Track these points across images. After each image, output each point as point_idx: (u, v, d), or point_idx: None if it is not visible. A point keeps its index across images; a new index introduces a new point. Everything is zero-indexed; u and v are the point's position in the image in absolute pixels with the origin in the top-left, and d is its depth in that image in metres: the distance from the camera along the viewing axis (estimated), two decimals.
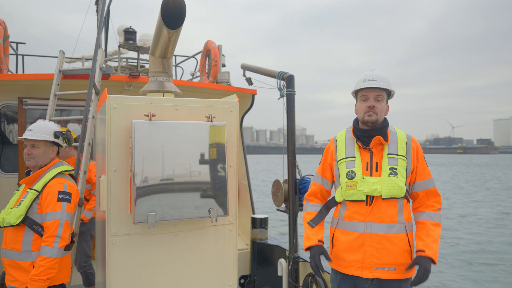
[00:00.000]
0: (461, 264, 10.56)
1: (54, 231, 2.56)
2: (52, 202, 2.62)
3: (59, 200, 2.63)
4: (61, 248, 2.58)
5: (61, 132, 2.84)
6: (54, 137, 2.80)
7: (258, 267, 4.83)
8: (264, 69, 4.55)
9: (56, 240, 2.55)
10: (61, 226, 2.59)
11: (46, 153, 2.80)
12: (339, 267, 2.50)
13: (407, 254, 2.39)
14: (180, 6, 2.48)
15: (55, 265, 2.55)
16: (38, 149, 2.78)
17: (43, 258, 2.52)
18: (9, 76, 4.70)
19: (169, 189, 2.46)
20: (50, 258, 2.52)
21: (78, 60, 7.27)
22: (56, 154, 2.86)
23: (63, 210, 2.63)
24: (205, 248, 2.71)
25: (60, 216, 2.60)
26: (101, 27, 4.33)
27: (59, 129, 2.89)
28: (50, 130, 2.81)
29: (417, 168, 2.47)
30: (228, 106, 2.76)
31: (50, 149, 2.82)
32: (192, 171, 2.52)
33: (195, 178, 2.53)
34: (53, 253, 2.53)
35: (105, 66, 4.38)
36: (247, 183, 5.54)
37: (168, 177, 2.46)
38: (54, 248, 2.54)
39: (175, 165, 2.48)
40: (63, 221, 2.61)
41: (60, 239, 2.57)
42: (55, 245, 2.55)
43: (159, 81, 2.88)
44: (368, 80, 2.49)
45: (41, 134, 2.77)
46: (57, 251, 2.55)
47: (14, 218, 2.61)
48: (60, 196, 2.64)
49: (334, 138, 2.67)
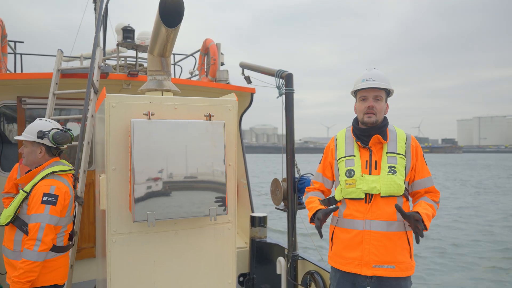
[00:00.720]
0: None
1: (35, 234, 2.51)
2: (36, 205, 2.57)
3: (43, 203, 2.57)
4: (42, 251, 2.52)
5: (43, 132, 2.73)
6: (37, 138, 2.74)
7: (257, 265, 4.84)
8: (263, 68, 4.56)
9: (36, 244, 2.50)
10: (42, 230, 2.52)
11: (33, 153, 2.77)
12: (338, 265, 2.51)
13: (406, 252, 2.41)
14: (178, 5, 2.48)
15: (36, 268, 2.50)
16: (26, 148, 2.78)
17: (23, 261, 2.48)
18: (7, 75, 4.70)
19: (169, 188, 2.47)
20: (29, 261, 2.48)
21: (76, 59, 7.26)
22: (46, 153, 2.79)
23: (46, 213, 2.56)
24: (204, 246, 2.72)
25: (42, 219, 2.54)
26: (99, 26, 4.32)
27: (46, 128, 2.78)
28: (35, 130, 2.75)
29: (416, 166, 2.49)
30: (227, 105, 2.76)
31: (38, 149, 2.77)
32: (191, 169, 2.53)
33: (194, 177, 2.54)
34: (32, 257, 2.48)
35: (103, 65, 4.38)
36: (246, 182, 5.55)
37: (167, 176, 2.47)
38: (34, 251, 2.49)
39: (174, 163, 2.49)
40: (44, 224, 2.54)
41: (41, 243, 2.50)
42: (35, 248, 2.49)
43: (157, 79, 2.89)
44: (367, 80, 2.49)
45: (27, 134, 2.76)
46: (37, 254, 2.50)
47: (3, 218, 2.62)
48: (44, 199, 2.58)
49: (335, 137, 2.69)
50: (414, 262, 2.46)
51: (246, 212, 5.37)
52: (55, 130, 2.77)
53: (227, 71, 5.56)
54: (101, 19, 4.28)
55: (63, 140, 2.79)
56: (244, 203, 5.51)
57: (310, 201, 2.66)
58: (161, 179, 2.45)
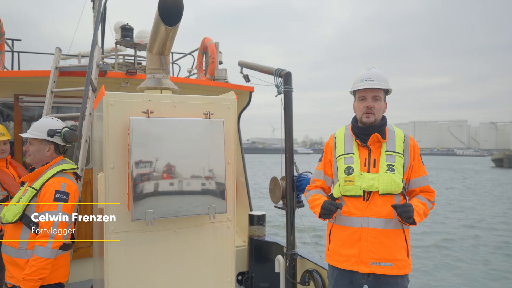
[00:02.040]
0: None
1: (48, 231, 2.54)
2: (49, 202, 2.60)
3: (55, 200, 2.60)
4: (55, 248, 2.55)
5: (54, 130, 2.77)
6: (47, 136, 2.77)
7: (255, 264, 4.84)
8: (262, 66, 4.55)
9: (50, 241, 2.52)
10: (55, 227, 2.55)
11: (41, 151, 2.79)
12: (336, 262, 2.52)
13: (404, 250, 2.42)
14: (178, 3, 2.48)
15: (48, 265, 2.53)
16: (33, 146, 2.79)
17: (35, 258, 2.50)
18: (4, 73, 4.67)
19: (167, 186, 2.46)
20: (42, 258, 2.50)
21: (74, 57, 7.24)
22: (54, 152, 2.83)
23: (59, 210, 2.59)
24: (203, 245, 2.72)
25: (55, 217, 2.57)
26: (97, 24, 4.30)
27: (56, 127, 2.83)
28: (45, 128, 2.78)
29: (413, 165, 2.51)
30: (226, 103, 2.76)
31: (46, 147, 2.79)
32: (190, 168, 2.52)
33: (193, 175, 2.53)
34: (45, 254, 2.51)
35: (102, 63, 4.36)
36: (245, 180, 5.55)
37: (166, 174, 2.46)
38: (47, 248, 2.51)
39: (173, 162, 2.48)
40: (58, 221, 2.57)
41: (54, 240, 2.54)
42: (48, 245, 2.52)
43: (156, 78, 2.88)
44: (365, 80, 2.51)
45: (35, 132, 2.77)
46: (50, 251, 2.53)
47: (11, 215, 2.62)
48: (56, 196, 2.61)
49: (334, 135, 2.70)
50: (411, 260, 2.48)
51: (245, 211, 5.37)
52: (66, 129, 2.82)
53: (225, 70, 5.56)
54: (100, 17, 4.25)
55: (74, 138, 2.83)
56: (243, 202, 5.51)
57: (315, 198, 2.63)
58: (159, 177, 2.44)
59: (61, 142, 2.82)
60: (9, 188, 3.50)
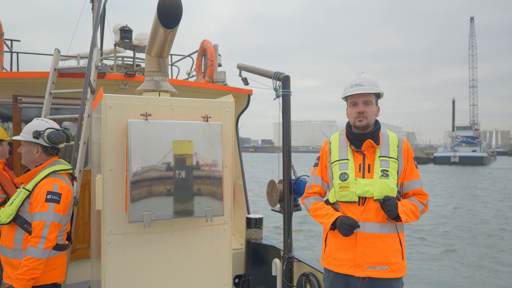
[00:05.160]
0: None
1: (39, 231, 2.54)
2: (40, 203, 2.60)
3: (47, 201, 2.61)
4: (47, 249, 2.56)
5: (38, 132, 2.75)
6: (32, 138, 2.75)
7: (252, 267, 4.84)
8: (260, 70, 4.57)
9: (41, 241, 2.53)
10: (47, 227, 2.56)
11: (30, 152, 2.80)
12: (332, 266, 2.53)
13: (399, 253, 2.45)
14: (177, 6, 2.49)
15: (40, 265, 2.53)
16: (24, 148, 2.81)
17: (27, 258, 2.51)
18: (3, 74, 4.67)
19: (165, 189, 2.47)
20: (34, 258, 2.51)
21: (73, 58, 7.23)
22: (43, 153, 2.81)
23: (50, 211, 2.60)
24: (200, 247, 2.72)
25: (47, 217, 2.58)
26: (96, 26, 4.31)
27: (41, 128, 2.78)
28: (31, 130, 2.77)
29: (406, 169, 2.55)
30: (224, 106, 2.77)
31: (34, 149, 2.79)
32: (187, 170, 2.53)
33: (191, 178, 2.54)
34: (37, 254, 2.52)
35: (100, 64, 4.37)
36: (242, 183, 5.55)
37: (164, 177, 2.46)
38: (39, 249, 2.52)
39: (171, 164, 2.49)
40: (49, 222, 2.58)
41: (46, 240, 2.55)
42: (40, 245, 2.53)
43: (155, 80, 2.89)
44: (355, 86, 2.54)
45: (23, 134, 2.79)
46: (42, 252, 2.53)
47: (5, 216, 2.63)
48: (48, 197, 2.62)
49: (328, 141, 2.72)
50: (405, 263, 2.51)
51: (242, 214, 5.37)
52: (49, 130, 2.77)
53: (224, 73, 5.57)
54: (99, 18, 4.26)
55: (58, 139, 2.78)
56: (240, 205, 5.51)
57: (319, 207, 2.61)
58: (157, 179, 2.45)
59: (46, 143, 2.78)
60: (8, 191, 3.50)
